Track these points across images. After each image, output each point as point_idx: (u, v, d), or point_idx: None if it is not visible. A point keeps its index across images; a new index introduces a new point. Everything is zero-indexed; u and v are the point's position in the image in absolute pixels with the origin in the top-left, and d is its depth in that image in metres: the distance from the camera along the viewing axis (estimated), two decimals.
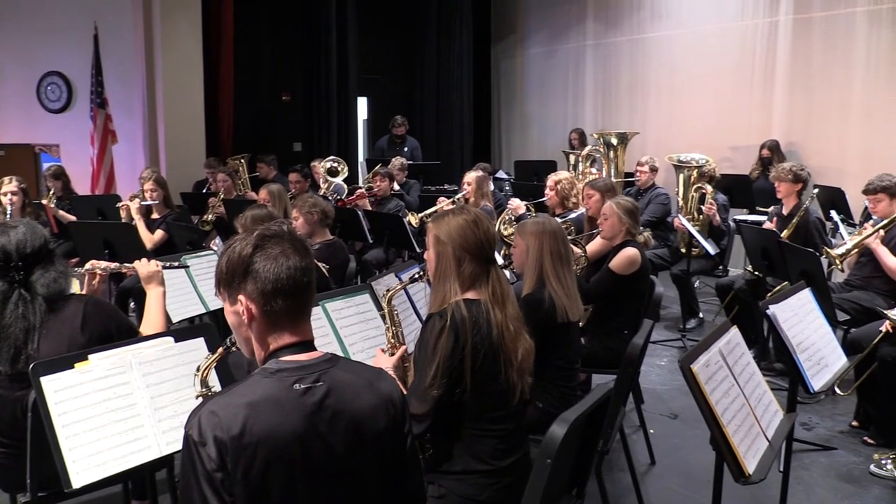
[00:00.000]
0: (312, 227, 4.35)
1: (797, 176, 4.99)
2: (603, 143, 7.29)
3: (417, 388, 2.13)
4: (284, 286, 1.48)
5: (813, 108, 7.45)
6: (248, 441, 1.37)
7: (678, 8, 8.70)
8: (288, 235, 1.54)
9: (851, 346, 3.88)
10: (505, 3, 11.10)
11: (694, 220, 5.93)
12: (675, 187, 6.37)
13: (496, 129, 11.46)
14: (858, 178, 4.68)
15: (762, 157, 7.36)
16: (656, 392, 4.63)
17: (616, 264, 3.80)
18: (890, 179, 4.36)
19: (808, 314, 3.00)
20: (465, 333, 2.10)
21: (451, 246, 2.19)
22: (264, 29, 9.52)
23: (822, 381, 2.85)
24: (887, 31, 6.81)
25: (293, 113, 9.85)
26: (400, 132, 9.33)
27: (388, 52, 10.95)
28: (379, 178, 6.80)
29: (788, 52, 7.62)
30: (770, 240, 4.57)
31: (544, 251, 2.92)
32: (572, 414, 2.08)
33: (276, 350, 1.52)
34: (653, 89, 9.03)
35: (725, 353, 2.29)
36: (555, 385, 2.91)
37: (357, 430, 1.50)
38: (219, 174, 6.81)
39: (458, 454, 2.17)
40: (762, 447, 2.22)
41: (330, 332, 2.70)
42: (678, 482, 3.55)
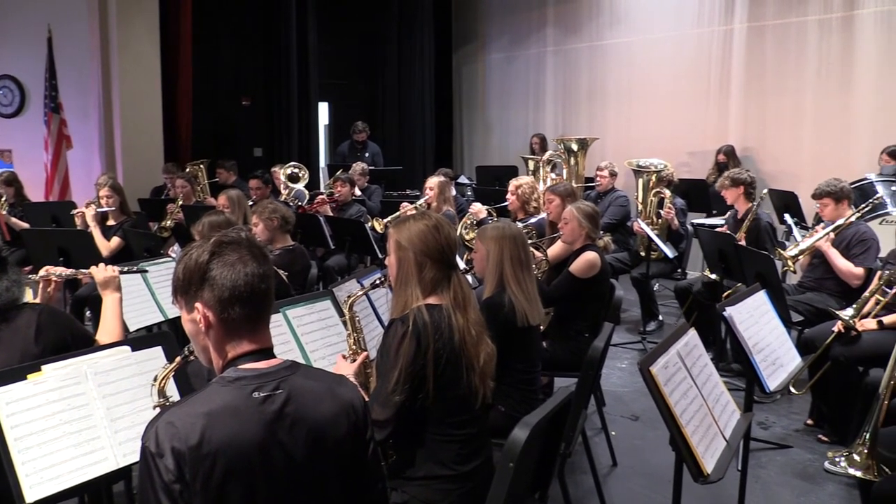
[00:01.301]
0: (272, 233, 4.31)
1: (734, 180, 5.11)
2: (563, 149, 7.37)
3: (380, 393, 2.12)
4: (242, 293, 1.46)
5: (767, 114, 7.61)
6: (207, 451, 1.35)
7: (636, 15, 8.83)
8: (246, 242, 1.52)
9: (805, 347, 3.97)
10: (466, 10, 11.15)
11: (653, 223, 6.02)
12: (634, 191, 6.47)
13: (458, 135, 11.50)
14: (811, 182, 4.80)
15: (718, 161, 7.50)
16: (617, 394, 4.68)
17: (576, 268, 3.84)
18: (835, 185, 4.49)
19: (763, 316, 3.07)
20: (427, 339, 2.10)
21: (413, 251, 2.20)
22: (224, 33, 9.42)
23: (778, 381, 2.91)
24: (837, 39, 7.00)
25: (253, 118, 9.76)
26: (361, 138, 9.31)
27: (350, 58, 10.91)
28: (340, 184, 6.77)
29: (743, 59, 7.79)
30: (727, 243, 4.66)
31: (504, 256, 2.94)
32: (534, 417, 2.09)
33: (234, 358, 1.50)
34: (612, 95, 9.14)
35: (684, 354, 2.33)
36: (517, 389, 2.93)
37: (318, 437, 1.48)
38: (177, 180, 6.72)
39: (420, 460, 2.17)
40: (720, 447, 2.26)
41: (291, 339, 2.68)
42: (640, 483, 3.59)
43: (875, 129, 6.60)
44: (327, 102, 10.70)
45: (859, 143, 6.66)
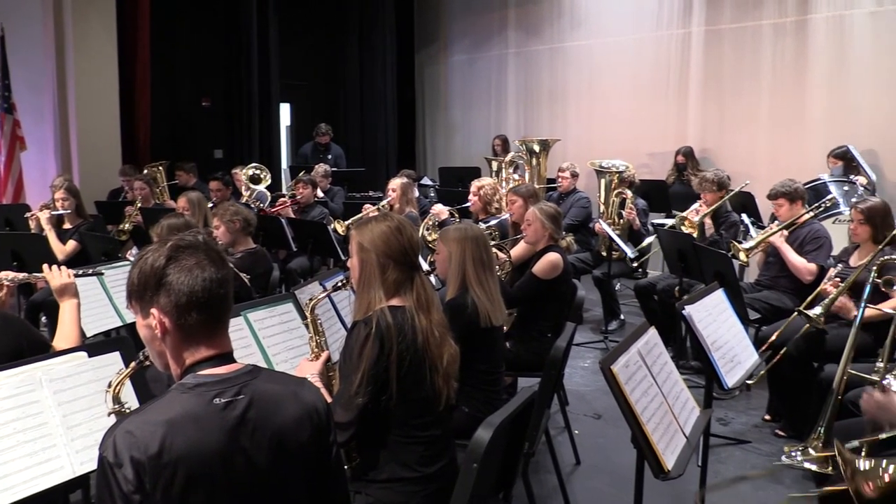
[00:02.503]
0: (234, 235, 4.27)
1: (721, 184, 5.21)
2: (525, 150, 7.41)
3: (342, 396, 2.11)
4: (200, 299, 1.44)
5: (724, 116, 7.75)
6: (167, 460, 1.33)
7: (596, 18, 8.91)
8: (203, 246, 1.49)
9: (762, 344, 4.05)
10: (428, 11, 11.16)
11: (614, 224, 6.09)
12: (596, 192, 6.53)
13: (420, 136, 11.49)
14: (767, 182, 4.91)
15: (677, 162, 7.61)
16: (580, 393, 4.72)
17: (539, 269, 3.86)
18: (790, 185, 4.60)
19: (721, 314, 3.13)
20: (390, 340, 2.10)
21: (375, 253, 2.19)
22: (183, 32, 9.29)
23: (736, 378, 2.97)
24: (791, 43, 7.15)
25: (214, 119, 9.64)
26: (324, 140, 9.26)
27: (311, 58, 10.85)
28: (302, 186, 6.72)
29: (701, 61, 7.91)
30: (685, 242, 4.74)
31: (467, 257, 2.95)
32: (497, 417, 2.10)
33: (192, 364, 1.47)
34: (573, 97, 9.22)
35: (644, 353, 2.36)
36: (480, 389, 2.94)
37: (281, 442, 1.47)
38: (135, 182, 6.62)
39: (384, 462, 2.16)
40: (680, 443, 2.29)
41: (252, 343, 2.65)
42: (603, 481, 3.63)
43: (828, 130, 6.76)
44: (289, 103, 10.61)
45: (813, 144, 6.81)
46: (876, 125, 6.54)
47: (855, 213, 3.96)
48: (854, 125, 6.63)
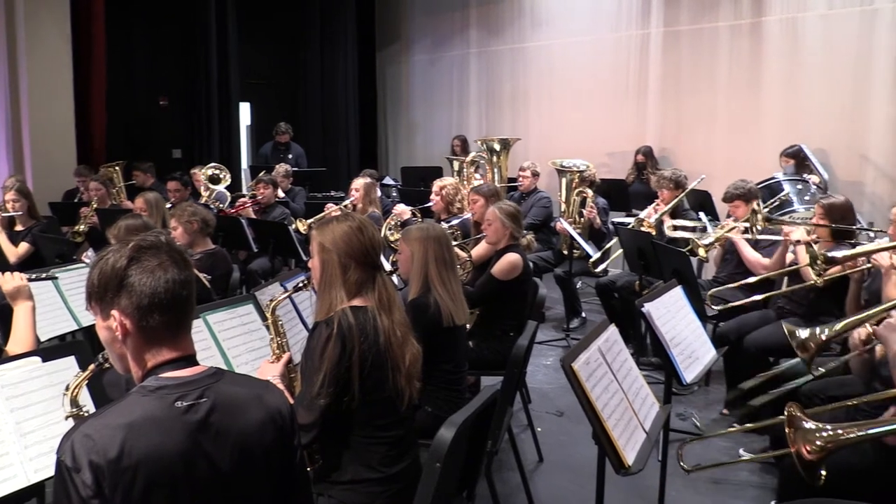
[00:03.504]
0: (192, 236, 4.22)
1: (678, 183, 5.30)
2: (486, 149, 7.44)
3: (304, 397, 2.10)
4: (162, 300, 1.42)
5: (682, 116, 7.87)
6: (127, 464, 1.31)
7: (556, 18, 8.98)
8: (166, 246, 1.47)
9: (720, 340, 4.13)
10: (389, 10, 11.13)
11: (576, 223, 6.14)
12: (557, 192, 6.59)
13: (383, 136, 11.46)
14: (724, 181, 5.00)
15: (637, 162, 7.71)
16: (543, 391, 4.76)
17: (498, 270, 3.88)
18: (743, 186, 4.70)
19: (679, 311, 3.18)
20: (352, 341, 2.09)
21: (337, 253, 2.18)
22: (139, 30, 9.12)
23: (694, 374, 3.02)
24: (747, 44, 7.29)
25: (172, 118, 9.49)
26: (284, 139, 9.18)
27: (271, 57, 10.74)
28: (262, 186, 6.66)
29: (659, 62, 8.02)
30: (645, 241, 4.80)
31: (429, 257, 2.95)
32: (460, 416, 2.11)
33: (154, 367, 1.45)
34: (533, 97, 9.28)
35: (604, 350, 2.39)
36: (443, 389, 2.94)
37: (244, 446, 1.46)
38: (91, 182, 6.48)
39: (347, 463, 2.16)
40: (640, 439, 2.32)
41: (212, 346, 2.62)
42: (566, 477, 3.67)
43: (781, 129, 6.90)
44: (249, 103, 10.49)
45: (768, 143, 6.95)
46: (827, 125, 6.70)
47: (818, 208, 4.07)
48: (806, 125, 6.79)
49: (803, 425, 1.91)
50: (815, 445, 1.87)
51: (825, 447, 1.87)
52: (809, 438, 1.88)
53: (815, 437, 1.88)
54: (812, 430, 1.89)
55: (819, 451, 1.87)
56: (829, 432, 1.88)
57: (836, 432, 1.87)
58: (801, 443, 1.89)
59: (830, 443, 1.87)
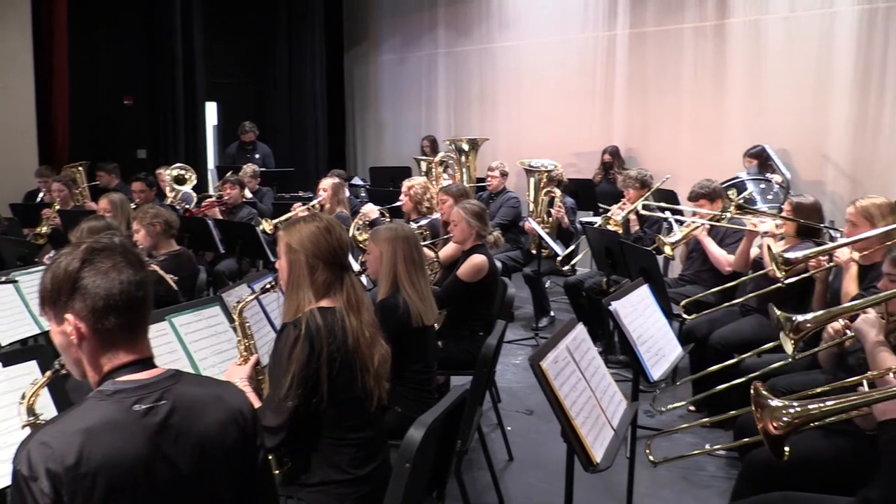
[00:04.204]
0: (155, 238, 4.17)
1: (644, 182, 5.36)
2: (455, 150, 7.45)
3: (272, 399, 2.08)
4: (117, 302, 1.39)
5: (648, 116, 7.95)
6: (86, 470, 1.29)
7: (524, 19, 9.02)
8: (119, 248, 1.45)
9: (686, 337, 4.18)
10: (357, 9, 11.09)
11: (544, 222, 6.18)
12: (525, 191, 6.62)
13: (351, 136, 11.41)
14: (689, 181, 5.07)
15: (604, 161, 7.77)
16: (512, 390, 4.78)
17: (463, 272, 3.89)
18: (708, 186, 4.79)
19: (646, 309, 3.21)
20: (320, 342, 2.08)
21: (304, 254, 2.17)
22: (103, 28, 8.96)
23: (661, 371, 3.05)
24: (711, 46, 7.39)
25: (136, 118, 9.34)
26: (249, 138, 9.10)
27: (239, 56, 10.64)
28: (229, 186, 6.60)
29: (625, 63, 8.09)
30: (612, 240, 4.84)
31: (398, 257, 2.95)
32: (429, 417, 2.11)
33: (111, 371, 1.43)
34: (502, 97, 9.31)
35: (572, 349, 2.40)
36: (413, 389, 2.94)
37: (205, 447, 1.44)
38: (53, 183, 6.38)
39: (316, 465, 2.14)
40: (608, 436, 2.34)
41: (179, 349, 2.58)
42: (536, 475, 3.69)
43: (745, 130, 7.01)
44: (216, 102, 10.38)
45: (732, 143, 7.05)
46: (789, 126, 6.82)
47: (787, 206, 4.15)
48: (769, 126, 6.90)
49: (770, 403, 1.95)
50: (783, 421, 1.91)
51: (792, 422, 1.92)
52: (776, 415, 1.92)
53: (782, 413, 1.92)
54: (779, 407, 1.93)
55: (786, 427, 1.91)
56: (797, 408, 1.92)
57: (804, 408, 1.92)
58: (769, 420, 1.93)
59: (798, 418, 1.91)
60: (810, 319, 2.63)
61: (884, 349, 2.37)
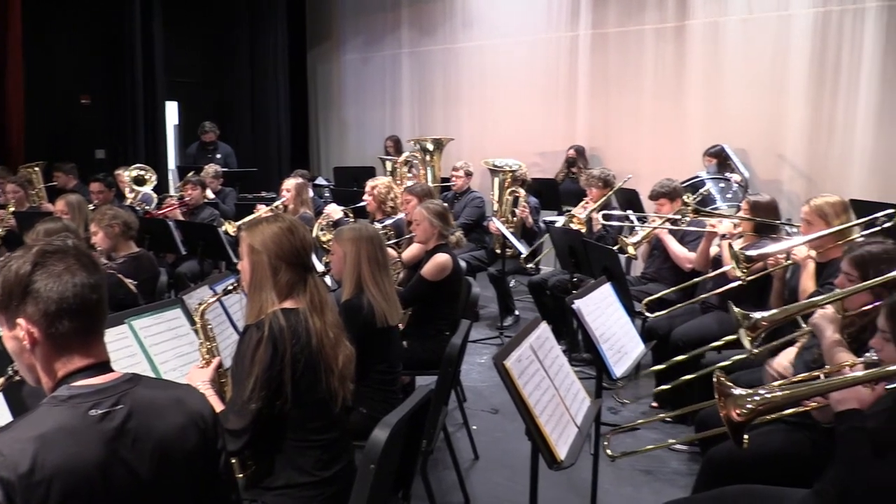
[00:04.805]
0: (114, 240, 4.10)
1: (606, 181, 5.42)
2: (420, 149, 7.45)
3: (235, 402, 2.06)
4: (71, 306, 1.37)
5: (610, 116, 8.03)
6: (40, 477, 1.26)
7: (488, 19, 9.04)
8: (73, 250, 1.42)
9: (648, 334, 4.24)
10: (320, 8, 11.01)
11: (508, 222, 6.21)
12: (489, 191, 6.65)
13: (314, 136, 11.33)
14: (650, 180, 5.14)
15: (568, 158, 7.83)
16: (477, 389, 4.79)
17: (427, 271, 3.89)
18: (668, 185, 4.87)
19: (609, 307, 3.24)
20: (283, 343, 2.06)
21: (267, 255, 2.15)
22: (59, 26, 8.75)
23: (624, 368, 3.08)
24: (671, 47, 7.49)
25: (94, 117, 9.16)
26: (209, 138, 8.99)
27: (199, 55, 10.49)
28: (190, 187, 6.52)
29: (588, 64, 8.16)
30: (575, 239, 4.89)
31: (361, 257, 2.94)
32: (394, 417, 2.11)
33: (66, 376, 1.40)
34: (466, 97, 9.32)
35: (536, 347, 2.42)
36: (378, 390, 2.94)
37: (165, 452, 1.42)
38: (8, 184, 6.23)
39: (280, 468, 2.13)
40: (572, 433, 2.36)
41: (139, 352, 2.54)
42: (501, 474, 3.70)
43: (705, 130, 7.12)
44: (176, 101, 10.22)
45: (691, 143, 7.17)
46: (747, 126, 6.95)
47: (744, 204, 4.23)
48: (728, 126, 7.02)
49: (733, 392, 2.00)
50: (746, 409, 1.97)
51: (756, 409, 1.97)
52: (740, 403, 1.98)
53: (745, 401, 1.98)
54: (743, 395, 1.99)
55: (749, 414, 1.97)
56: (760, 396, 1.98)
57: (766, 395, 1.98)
58: (732, 407, 1.98)
59: (762, 405, 1.97)
60: (766, 318, 2.69)
61: (840, 346, 2.43)
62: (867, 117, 6.33)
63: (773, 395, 1.99)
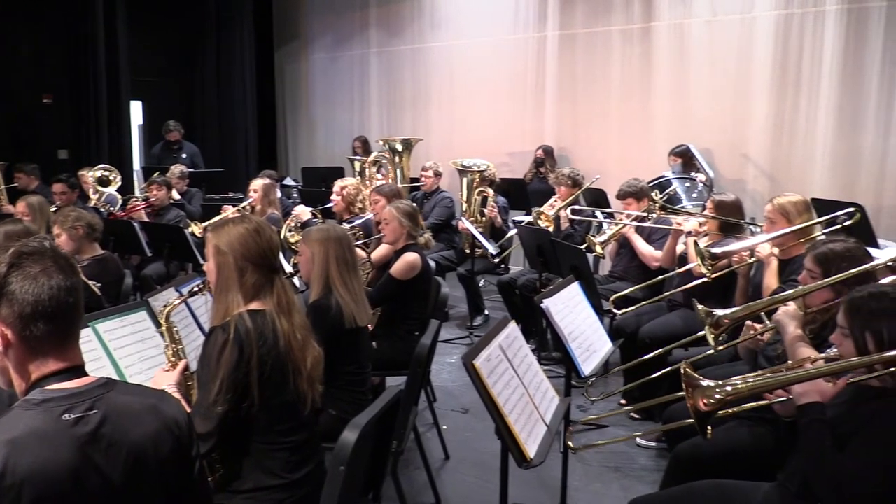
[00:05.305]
0: (78, 242, 4.04)
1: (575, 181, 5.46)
2: (389, 150, 7.44)
3: (201, 405, 2.04)
4: (46, 308, 1.35)
5: (578, 117, 8.09)
6: (11, 482, 1.24)
7: (456, 20, 9.06)
8: (50, 252, 1.41)
9: (617, 332, 4.28)
10: (287, 7, 10.93)
11: (477, 221, 6.23)
12: (458, 191, 6.66)
13: (282, 136, 11.25)
14: (618, 180, 5.19)
15: (537, 158, 7.87)
16: (448, 389, 4.80)
17: (396, 270, 3.89)
18: (635, 185, 4.93)
19: (577, 305, 3.27)
20: (250, 345, 2.05)
21: (233, 256, 2.13)
22: (20, 24, 8.57)
23: (592, 366, 3.11)
24: (637, 49, 7.57)
25: (57, 117, 8.98)
26: (174, 137, 8.88)
27: (164, 53, 10.33)
28: (156, 187, 6.43)
29: (556, 64, 8.21)
30: (544, 239, 4.92)
31: (330, 258, 2.93)
32: (363, 418, 2.10)
33: (39, 379, 1.38)
34: (434, 97, 9.33)
35: (505, 347, 2.43)
36: (347, 391, 2.93)
37: (139, 458, 1.41)
38: None
39: (248, 471, 2.11)
40: (541, 432, 2.38)
41: (103, 356, 2.50)
42: (472, 473, 3.71)
43: (671, 130, 7.22)
44: (140, 101, 10.07)
45: (658, 143, 7.25)
46: (712, 126, 7.05)
47: (709, 203, 4.29)
48: (693, 126, 7.12)
49: (700, 384, 2.04)
50: (714, 399, 2.01)
51: (724, 399, 2.02)
52: (708, 394, 2.03)
53: (713, 391, 2.02)
54: (711, 387, 2.04)
55: (716, 404, 2.02)
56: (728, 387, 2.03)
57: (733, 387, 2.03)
58: (699, 398, 2.03)
59: (730, 395, 2.02)
60: (728, 316, 2.74)
61: (801, 342, 2.49)
62: (828, 118, 6.47)
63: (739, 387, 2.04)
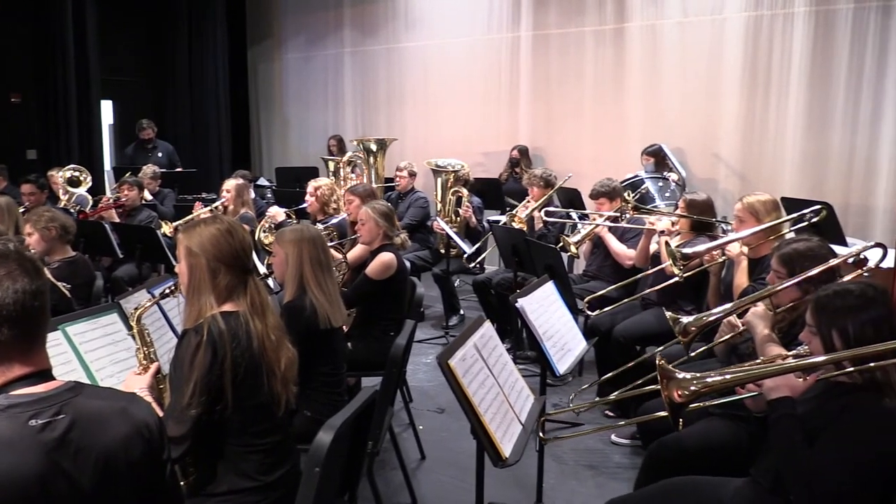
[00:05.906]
0: (50, 243, 3.98)
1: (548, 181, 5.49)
2: (363, 150, 7.42)
3: (174, 408, 2.02)
4: (11, 313, 1.33)
5: (552, 117, 8.13)
6: None
7: (430, 20, 9.05)
8: (14, 255, 1.38)
9: (591, 331, 4.31)
10: (260, 6, 10.85)
11: (452, 222, 6.24)
12: (433, 191, 6.66)
13: (256, 135, 11.17)
14: (591, 180, 5.22)
15: (511, 158, 7.90)
16: (423, 389, 4.80)
17: (372, 270, 3.89)
18: (608, 184, 4.97)
19: (552, 305, 3.29)
20: (223, 347, 2.03)
21: (205, 257, 2.11)
22: None
23: (567, 365, 3.13)
24: (610, 50, 7.62)
25: (25, 117, 8.82)
26: (147, 135, 8.79)
27: (135, 52, 10.22)
28: (127, 188, 6.35)
29: (530, 64, 8.24)
30: (518, 238, 4.93)
31: (304, 258, 2.92)
32: (338, 419, 2.09)
33: (5, 384, 1.36)
34: (409, 97, 9.32)
35: (480, 346, 2.44)
36: (322, 392, 2.92)
37: (108, 463, 1.38)
38: None
39: (222, 474, 2.09)
40: (517, 431, 2.39)
41: (73, 359, 2.46)
42: (448, 473, 3.72)
43: (644, 130, 7.28)
44: (111, 100, 9.94)
45: (631, 143, 7.30)
46: (684, 126, 7.12)
47: (681, 203, 4.34)
48: (665, 126, 7.19)
49: (675, 376, 2.08)
50: (689, 391, 2.05)
51: (699, 391, 2.06)
52: (683, 385, 2.06)
53: (689, 384, 2.06)
54: (687, 379, 2.07)
55: (691, 395, 2.05)
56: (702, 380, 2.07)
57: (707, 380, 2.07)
58: (674, 389, 2.06)
59: (705, 387, 2.07)
60: (693, 323, 2.79)
61: (771, 342, 2.53)
62: (797, 118, 6.56)
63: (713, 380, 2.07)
